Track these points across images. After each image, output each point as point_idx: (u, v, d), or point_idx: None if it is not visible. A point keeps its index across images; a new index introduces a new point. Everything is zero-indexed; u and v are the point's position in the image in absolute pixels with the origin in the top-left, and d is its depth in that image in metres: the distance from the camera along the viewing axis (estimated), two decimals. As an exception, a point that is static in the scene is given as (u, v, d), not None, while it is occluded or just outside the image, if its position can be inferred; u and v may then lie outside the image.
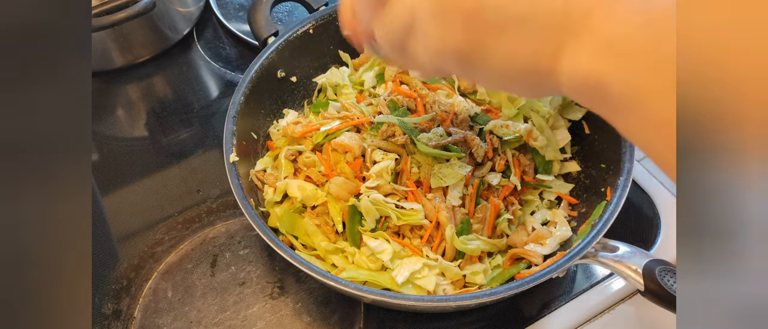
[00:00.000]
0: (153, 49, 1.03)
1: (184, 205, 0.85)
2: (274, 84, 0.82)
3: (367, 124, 0.76)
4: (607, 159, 0.72)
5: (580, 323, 0.73)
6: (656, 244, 0.77)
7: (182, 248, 0.81)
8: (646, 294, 0.60)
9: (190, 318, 0.75)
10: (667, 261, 0.61)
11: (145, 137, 0.95)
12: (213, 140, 0.93)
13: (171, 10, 1.02)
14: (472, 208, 0.71)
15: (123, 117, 0.98)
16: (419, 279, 0.67)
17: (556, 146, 0.77)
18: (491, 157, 0.74)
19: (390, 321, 0.74)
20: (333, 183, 0.71)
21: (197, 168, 0.90)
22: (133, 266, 0.80)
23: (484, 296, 0.61)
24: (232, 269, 0.79)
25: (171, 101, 0.99)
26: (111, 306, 0.77)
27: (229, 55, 1.04)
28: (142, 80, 1.02)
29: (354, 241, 0.70)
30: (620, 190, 0.66)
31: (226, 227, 0.83)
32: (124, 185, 0.89)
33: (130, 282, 0.78)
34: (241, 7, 1.10)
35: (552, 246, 0.70)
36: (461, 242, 0.68)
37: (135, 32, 0.99)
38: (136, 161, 0.92)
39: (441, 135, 0.73)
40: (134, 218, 0.85)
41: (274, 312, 0.75)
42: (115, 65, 1.02)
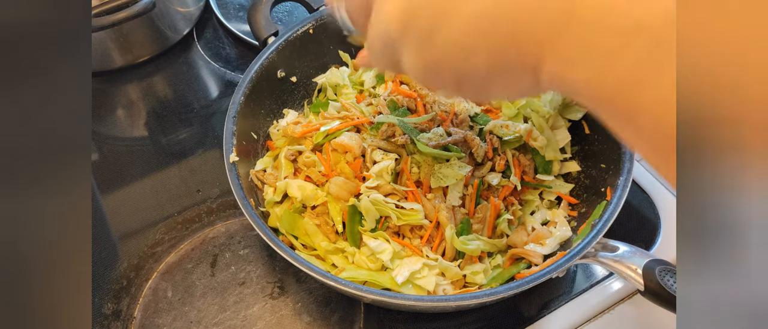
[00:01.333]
0: (153, 49, 1.03)
1: (184, 205, 0.85)
2: (274, 84, 0.82)
3: (367, 124, 0.76)
4: (607, 159, 0.72)
5: (580, 323, 0.73)
6: (656, 244, 0.77)
7: (182, 248, 0.81)
8: (646, 294, 0.60)
9: (190, 318, 0.75)
10: (667, 261, 0.61)
11: (145, 137, 0.95)
12: (213, 140, 0.93)
13: (171, 10, 1.02)
14: (472, 208, 0.71)
15: (123, 117, 0.98)
16: (419, 279, 0.67)
17: (556, 146, 0.77)
18: (491, 157, 0.74)
19: (390, 321, 0.74)
20: (333, 183, 0.71)
21: (197, 168, 0.90)
22: (133, 266, 0.80)
23: (484, 296, 0.61)
24: (232, 269, 0.79)
25: (171, 101, 0.99)
26: (111, 306, 0.77)
27: (229, 55, 1.04)
28: (142, 80, 1.02)
29: (354, 241, 0.70)
30: (620, 190, 0.67)
31: (226, 227, 0.83)
32: (124, 185, 0.89)
33: (130, 282, 0.78)
34: (241, 7, 1.10)
35: (552, 246, 0.70)
36: (461, 243, 0.68)
37: (135, 32, 0.99)
38: (136, 161, 0.92)
39: (441, 135, 0.73)
40: (134, 218, 0.85)
41: (274, 312, 0.75)
42: (115, 65, 1.02)
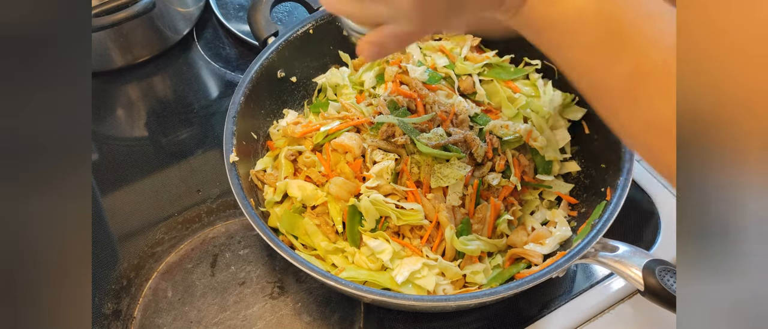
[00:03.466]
0: (153, 49, 1.03)
1: (184, 205, 0.85)
2: (274, 84, 0.82)
3: (367, 124, 0.76)
4: (607, 159, 0.72)
5: (580, 323, 0.73)
6: (656, 244, 0.77)
7: (182, 248, 0.81)
8: (646, 294, 0.60)
9: (190, 317, 0.75)
10: (667, 261, 0.61)
11: (145, 137, 0.95)
12: (213, 140, 0.93)
13: (171, 10, 1.02)
14: (472, 208, 0.71)
15: (123, 117, 0.98)
16: (419, 279, 0.67)
17: (555, 146, 0.77)
18: (491, 157, 0.74)
19: (390, 321, 0.74)
20: (333, 183, 0.71)
21: (197, 168, 0.90)
22: (133, 266, 0.80)
23: (484, 296, 0.61)
24: (232, 269, 0.79)
25: (171, 101, 0.99)
26: (111, 306, 0.77)
27: (229, 55, 1.04)
28: (142, 80, 1.02)
29: (354, 241, 0.70)
30: (620, 190, 0.67)
31: (226, 227, 0.83)
32: (124, 185, 0.89)
33: (130, 282, 0.78)
34: (241, 7, 1.10)
35: (552, 246, 0.70)
36: (461, 243, 0.68)
37: (135, 32, 0.99)
38: (136, 161, 0.92)
39: (441, 135, 0.73)
40: (134, 218, 0.85)
41: (274, 312, 0.75)
42: (115, 65, 1.02)
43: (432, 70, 0.82)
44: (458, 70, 0.82)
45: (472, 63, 0.83)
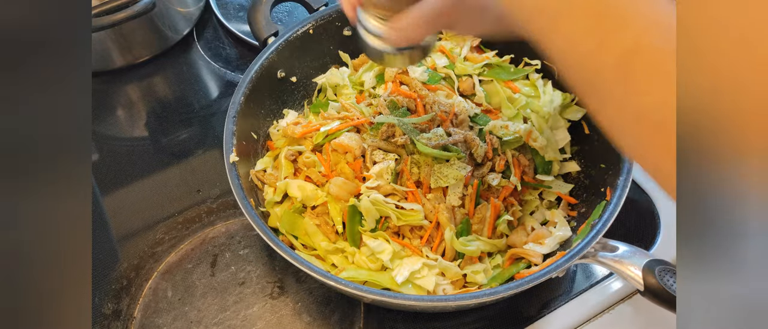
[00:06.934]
0: (153, 49, 1.03)
1: (184, 205, 0.85)
2: (274, 84, 0.82)
3: (366, 124, 0.76)
4: (606, 159, 0.72)
5: (579, 323, 0.73)
6: (656, 244, 0.77)
7: (182, 248, 0.81)
8: (646, 294, 0.60)
9: (190, 317, 0.75)
10: (667, 261, 0.61)
11: (145, 137, 0.95)
12: (213, 140, 0.93)
13: (171, 10, 1.02)
14: (472, 208, 0.71)
15: (123, 117, 0.98)
16: (419, 279, 0.67)
17: (555, 146, 0.77)
18: (491, 157, 0.74)
19: (390, 321, 0.74)
20: (333, 183, 0.71)
21: (197, 168, 0.90)
22: (133, 266, 0.80)
23: (484, 296, 0.61)
24: (232, 269, 0.79)
25: (171, 101, 0.99)
26: (111, 306, 0.77)
27: (229, 55, 1.04)
28: (142, 80, 1.02)
29: (354, 241, 0.70)
30: (620, 190, 0.67)
31: (226, 227, 0.83)
32: (124, 185, 0.89)
33: (130, 282, 0.78)
34: (241, 7, 1.10)
35: (551, 246, 0.70)
36: (461, 244, 0.68)
37: (135, 32, 0.99)
38: (136, 161, 0.92)
39: (441, 135, 0.73)
40: (134, 218, 0.85)
41: (274, 312, 0.75)
42: (115, 65, 1.02)
43: (432, 71, 0.82)
44: (458, 70, 0.83)
45: (472, 63, 0.83)
